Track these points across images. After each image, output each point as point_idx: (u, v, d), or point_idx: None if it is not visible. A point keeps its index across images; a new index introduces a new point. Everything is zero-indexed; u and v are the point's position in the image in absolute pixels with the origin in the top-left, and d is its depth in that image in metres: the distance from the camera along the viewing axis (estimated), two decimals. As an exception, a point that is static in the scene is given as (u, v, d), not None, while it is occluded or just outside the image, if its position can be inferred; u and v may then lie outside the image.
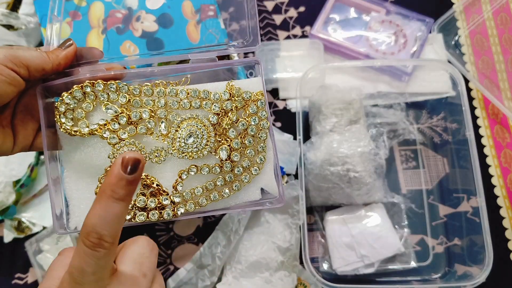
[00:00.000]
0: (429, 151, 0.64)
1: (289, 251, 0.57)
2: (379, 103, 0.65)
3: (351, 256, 0.57)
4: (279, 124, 0.66)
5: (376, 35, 0.68)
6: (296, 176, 0.61)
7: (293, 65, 0.68)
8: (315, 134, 0.60)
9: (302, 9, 0.72)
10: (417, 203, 0.62)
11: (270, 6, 0.73)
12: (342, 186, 0.56)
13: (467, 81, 0.65)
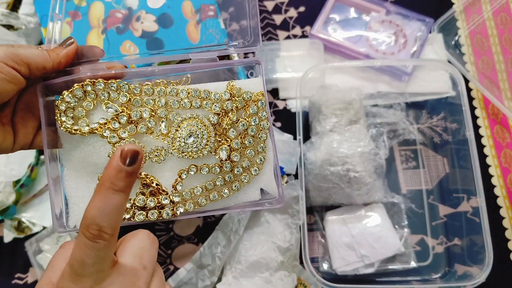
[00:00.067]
0: (429, 151, 0.64)
1: (289, 251, 0.57)
2: (379, 103, 0.65)
3: (351, 256, 0.57)
4: (279, 124, 0.66)
5: (376, 35, 0.68)
6: (296, 176, 0.61)
7: (293, 65, 0.68)
8: (315, 134, 0.60)
9: (302, 9, 0.72)
10: (417, 203, 0.62)
11: (270, 6, 0.73)
12: (342, 186, 0.56)
13: (467, 81, 0.65)
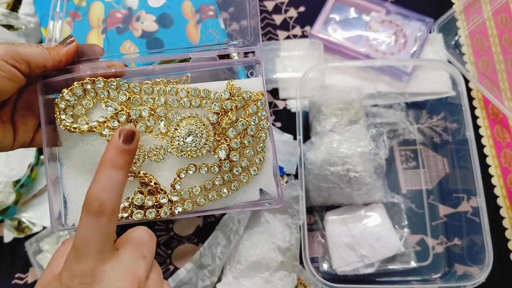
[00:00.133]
0: (429, 151, 0.64)
1: (289, 251, 0.57)
2: (379, 103, 0.65)
3: (351, 256, 0.57)
4: (279, 124, 0.66)
5: (376, 35, 0.68)
6: (296, 176, 0.61)
7: (293, 65, 0.68)
8: (315, 134, 0.60)
9: (302, 9, 0.72)
10: (417, 203, 0.62)
11: (270, 6, 0.73)
12: (342, 186, 0.56)
13: (467, 81, 0.65)
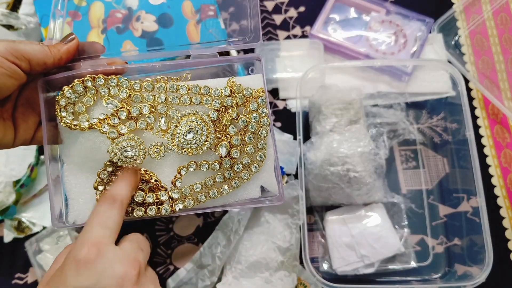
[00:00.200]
0: (429, 151, 0.64)
1: (289, 251, 0.57)
2: (379, 103, 0.65)
3: (351, 256, 0.57)
4: (279, 124, 0.66)
5: (376, 35, 0.68)
6: (296, 176, 0.61)
7: (293, 65, 0.68)
8: (315, 134, 0.60)
9: (302, 9, 0.72)
10: (417, 203, 0.62)
11: (270, 6, 0.73)
12: (342, 186, 0.56)
13: (467, 81, 0.65)
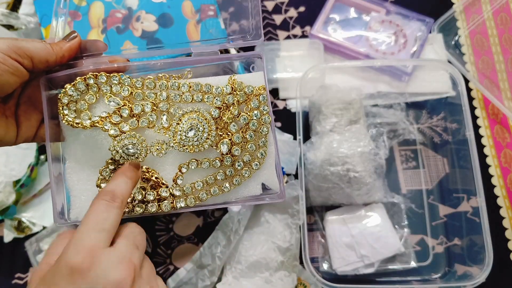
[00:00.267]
0: (429, 151, 0.64)
1: (289, 251, 0.57)
2: (379, 103, 0.65)
3: (351, 256, 0.57)
4: (279, 124, 0.66)
5: (376, 35, 0.68)
6: (296, 176, 0.61)
7: (293, 65, 0.68)
8: (315, 134, 0.60)
9: (302, 9, 0.72)
10: (417, 203, 0.62)
11: (270, 6, 0.73)
12: (342, 186, 0.56)
13: (467, 81, 0.65)
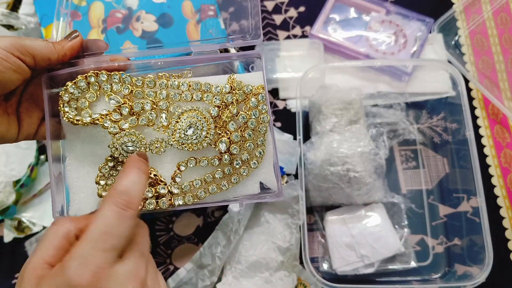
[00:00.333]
0: (429, 151, 0.64)
1: (289, 251, 0.57)
2: (379, 103, 0.65)
3: (351, 256, 0.57)
4: (279, 124, 0.66)
5: (376, 35, 0.68)
6: (296, 176, 0.61)
7: (293, 65, 0.68)
8: (315, 134, 0.60)
9: (302, 9, 0.72)
10: (417, 203, 0.62)
11: (270, 6, 0.73)
12: (342, 186, 0.56)
13: (467, 81, 0.65)
